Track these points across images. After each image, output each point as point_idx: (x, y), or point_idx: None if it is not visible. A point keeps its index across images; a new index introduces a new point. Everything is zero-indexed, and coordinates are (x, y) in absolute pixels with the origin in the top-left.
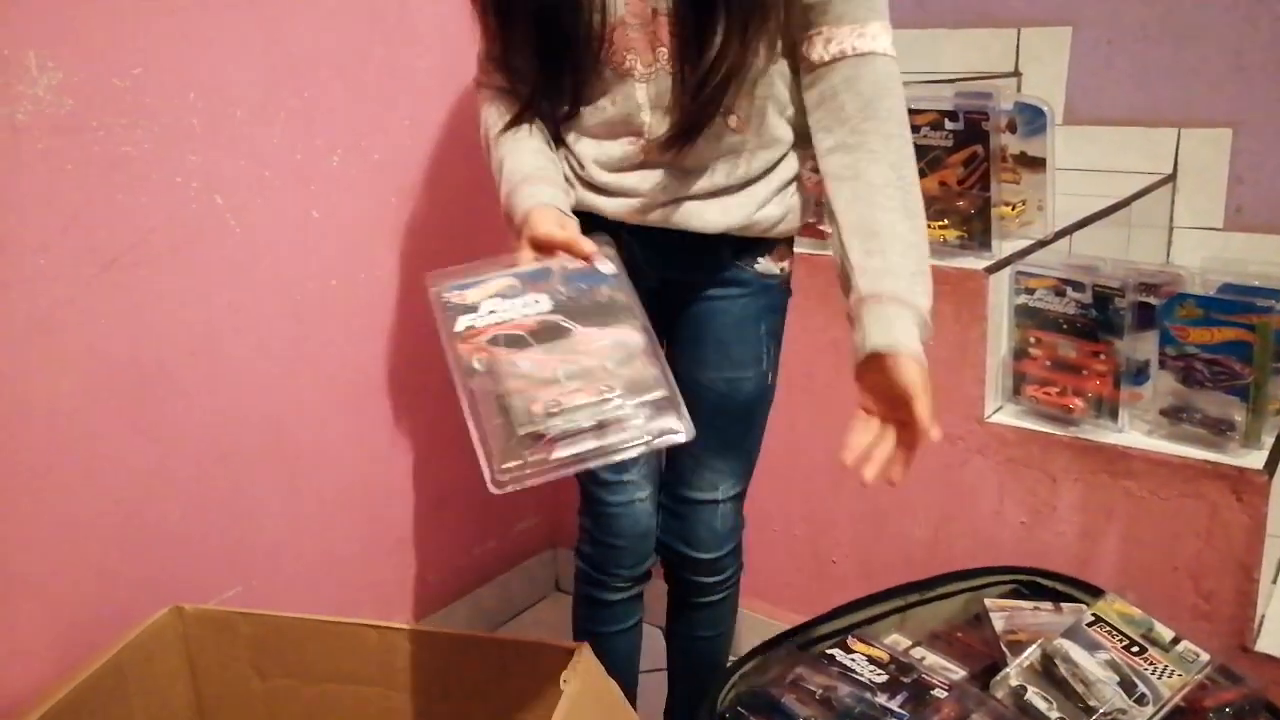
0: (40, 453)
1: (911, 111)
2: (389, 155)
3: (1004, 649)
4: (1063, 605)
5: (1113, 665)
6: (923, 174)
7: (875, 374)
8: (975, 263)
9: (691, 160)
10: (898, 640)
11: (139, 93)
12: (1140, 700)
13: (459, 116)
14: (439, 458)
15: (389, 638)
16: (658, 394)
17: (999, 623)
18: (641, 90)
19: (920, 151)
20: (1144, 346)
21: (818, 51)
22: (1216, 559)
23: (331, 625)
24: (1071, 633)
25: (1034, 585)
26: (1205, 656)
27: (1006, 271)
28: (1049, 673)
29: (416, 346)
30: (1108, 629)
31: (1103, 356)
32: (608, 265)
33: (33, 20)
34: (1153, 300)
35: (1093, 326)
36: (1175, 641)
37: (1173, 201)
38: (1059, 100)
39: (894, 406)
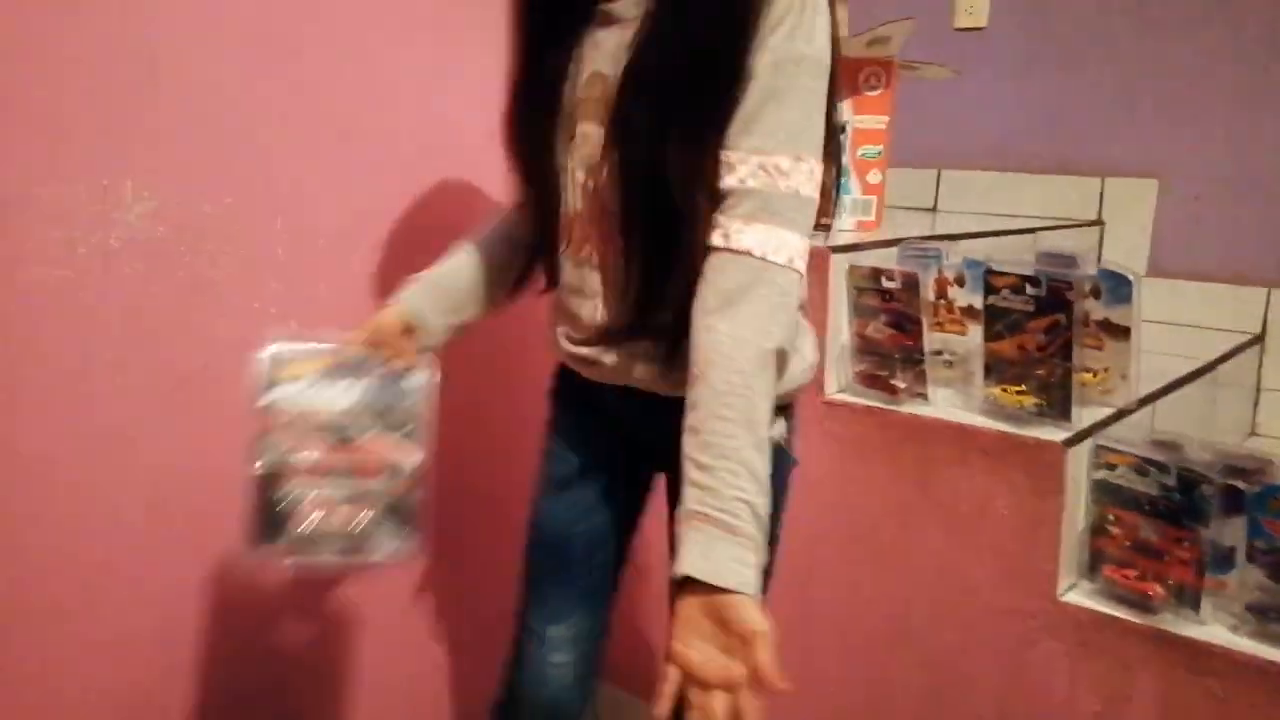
0: (96, 568)
1: (993, 273)
2: None
3: None
4: None
5: None
6: (1000, 337)
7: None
8: (1054, 433)
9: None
10: None
11: (228, 220)
12: None
13: None
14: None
15: None
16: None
17: None
18: (596, 278)
19: (1000, 314)
20: (1231, 533)
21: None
22: None
23: None
24: None
25: None
26: None
27: (1086, 444)
28: None
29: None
30: None
31: (1186, 544)
32: (418, 378)
33: (133, 152)
34: (1241, 485)
35: (1177, 511)
36: None
37: (1260, 363)
38: (1143, 253)
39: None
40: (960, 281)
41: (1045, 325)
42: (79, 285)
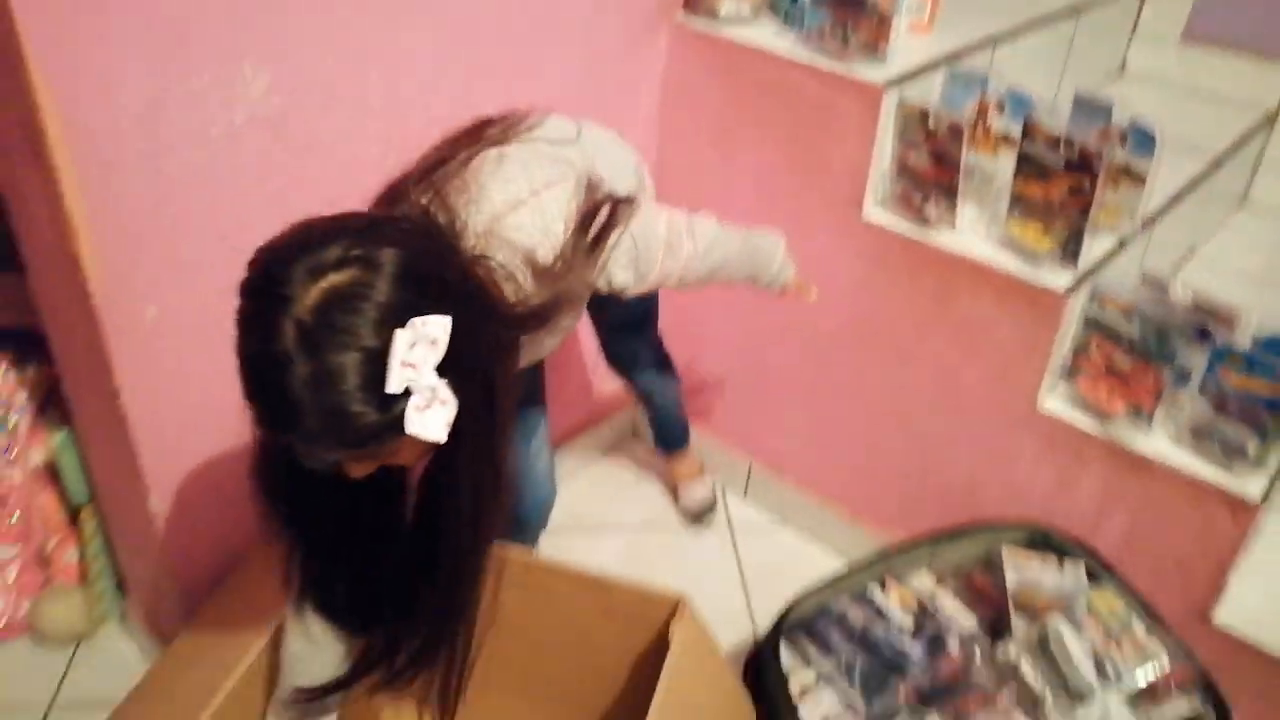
0: None
1: (1032, 123)
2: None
3: (1009, 606)
4: (1065, 561)
5: (1094, 651)
6: (1030, 178)
7: None
8: (1060, 279)
9: None
10: (924, 582)
11: (331, 80)
12: (1109, 681)
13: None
14: None
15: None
16: None
17: (1010, 576)
18: None
19: (1031, 161)
20: (1194, 359)
21: None
22: (1201, 555)
23: None
24: (1067, 614)
25: (1046, 539)
26: (1165, 657)
27: (1086, 286)
28: (1044, 647)
29: None
30: (1095, 618)
31: (1150, 379)
32: None
33: (245, 34)
34: (1211, 327)
35: (1150, 352)
36: (1146, 639)
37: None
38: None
39: None
40: (1000, 108)
41: (1071, 183)
42: (214, 163)
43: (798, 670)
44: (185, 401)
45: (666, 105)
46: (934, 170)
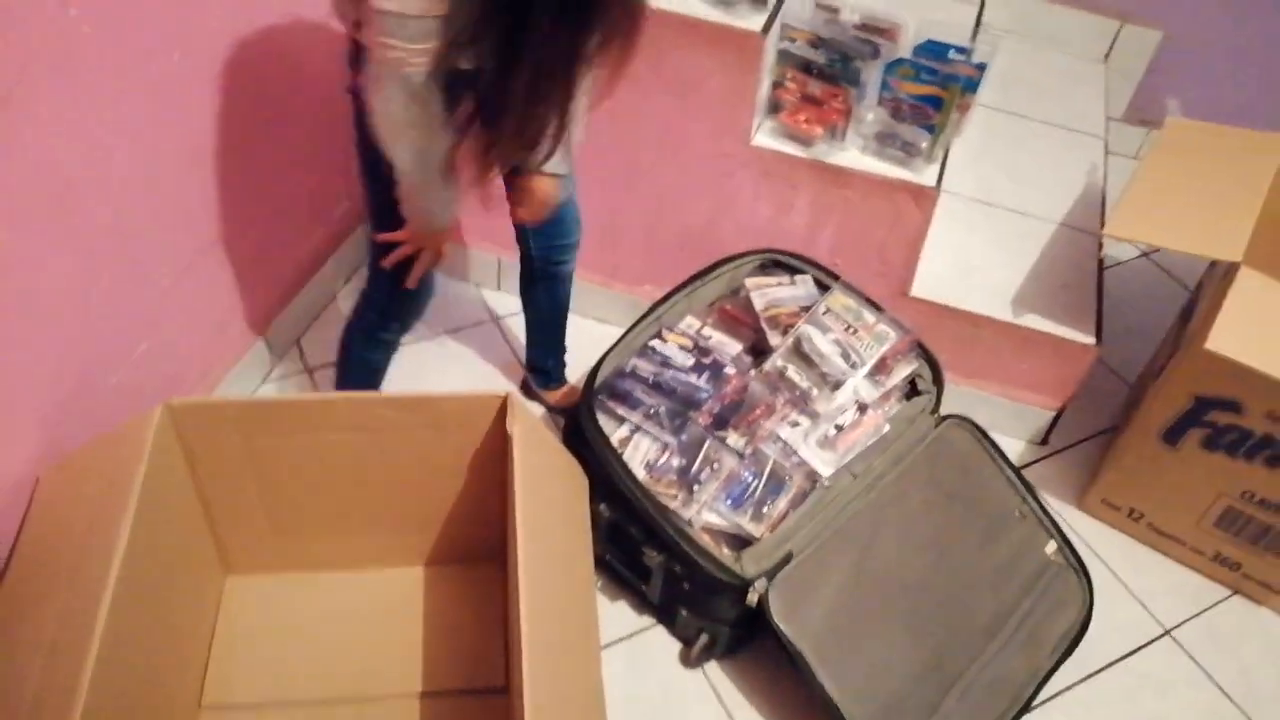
0: None
1: None
2: None
3: (764, 325)
4: (795, 277)
5: (838, 343)
6: None
7: None
8: (754, 21)
9: None
10: (691, 323)
11: None
12: (854, 365)
13: None
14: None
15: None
16: None
17: (757, 300)
18: None
19: None
20: (869, 73)
21: None
22: (897, 240)
23: (305, 401)
24: (812, 320)
25: (776, 263)
26: (893, 334)
27: (776, 25)
28: (800, 352)
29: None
30: (834, 316)
31: (840, 99)
32: None
33: None
34: (880, 41)
35: (835, 76)
36: (875, 323)
37: None
38: None
39: None
40: None
41: None
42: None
43: (612, 428)
44: None
45: None
46: None
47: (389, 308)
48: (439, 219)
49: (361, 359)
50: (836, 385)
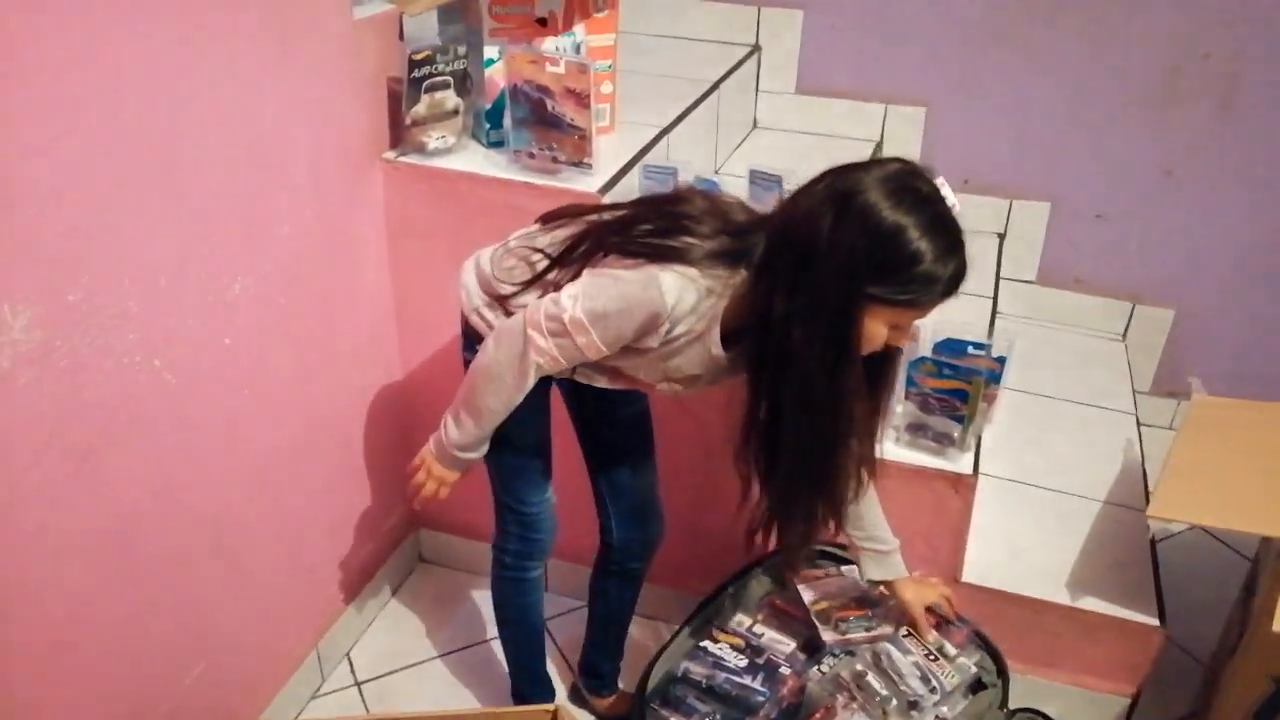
0: None
1: None
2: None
3: (814, 620)
4: (843, 568)
5: (918, 666)
6: None
7: None
8: None
9: None
10: (742, 620)
11: (89, 300)
12: (933, 690)
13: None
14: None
15: None
16: None
17: (806, 594)
18: None
19: None
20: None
21: None
22: (941, 528)
23: None
24: (893, 641)
25: (822, 551)
26: (971, 666)
27: None
28: (878, 664)
29: (307, 430)
30: (915, 640)
31: None
32: None
33: (4, 279)
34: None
35: None
36: (956, 656)
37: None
38: (792, 72)
39: None
40: None
41: None
42: None
43: None
44: None
45: (395, 238)
46: None
47: (520, 549)
48: (460, 462)
49: (517, 607)
50: (913, 705)
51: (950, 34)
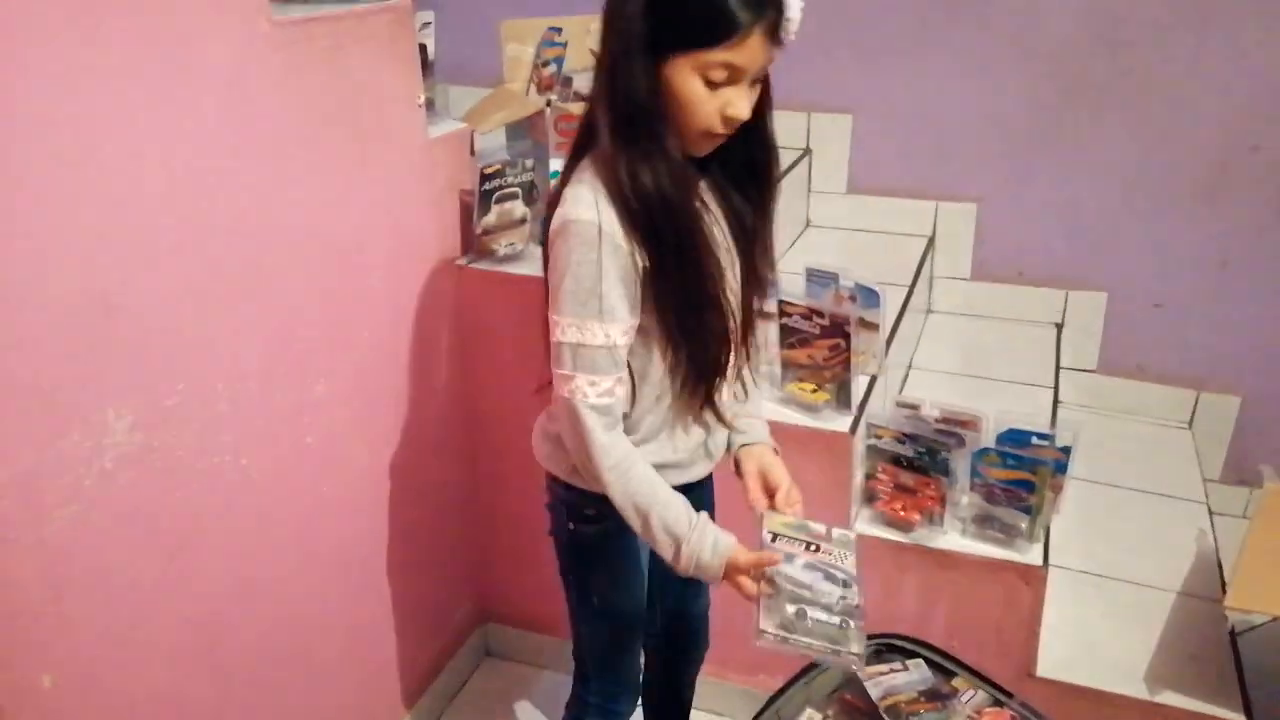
0: None
1: (785, 303)
2: (353, 373)
3: (883, 716)
4: (908, 662)
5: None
6: (794, 347)
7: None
8: (840, 423)
9: None
10: (812, 715)
11: (185, 404)
12: (845, 584)
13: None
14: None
15: None
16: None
17: (873, 690)
18: None
19: (793, 331)
20: (958, 462)
21: None
22: (1012, 620)
23: None
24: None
25: (890, 645)
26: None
27: (862, 425)
28: None
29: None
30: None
31: (932, 488)
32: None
33: (107, 382)
34: (962, 432)
35: (925, 466)
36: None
37: (932, 258)
38: (844, 173)
39: None
40: None
41: (829, 345)
42: (91, 510)
43: None
44: None
45: (465, 339)
46: None
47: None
48: (704, 561)
49: None
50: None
51: (998, 132)
